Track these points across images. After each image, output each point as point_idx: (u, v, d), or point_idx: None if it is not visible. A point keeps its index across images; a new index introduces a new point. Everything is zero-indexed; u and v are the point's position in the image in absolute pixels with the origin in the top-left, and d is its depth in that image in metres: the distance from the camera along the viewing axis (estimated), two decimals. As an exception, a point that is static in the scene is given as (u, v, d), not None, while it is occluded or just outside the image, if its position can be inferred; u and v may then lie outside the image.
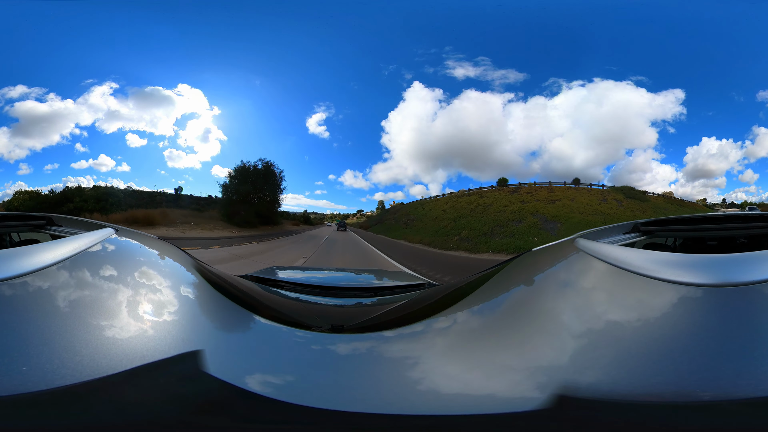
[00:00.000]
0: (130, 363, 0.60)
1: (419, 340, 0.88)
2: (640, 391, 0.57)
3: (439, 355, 0.80)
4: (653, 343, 0.64)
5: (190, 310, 0.87)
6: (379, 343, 0.90)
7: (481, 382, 0.68)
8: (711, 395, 0.53)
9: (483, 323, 0.92)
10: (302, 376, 0.70)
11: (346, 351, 0.85)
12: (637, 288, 0.81)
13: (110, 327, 0.69)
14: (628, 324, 0.72)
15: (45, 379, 0.54)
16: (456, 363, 0.75)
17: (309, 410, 0.59)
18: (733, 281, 0.71)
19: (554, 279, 1.07)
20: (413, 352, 0.82)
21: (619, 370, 0.61)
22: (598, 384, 0.60)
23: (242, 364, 0.69)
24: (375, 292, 1.80)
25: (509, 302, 1.00)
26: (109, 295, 0.79)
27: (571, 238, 1.24)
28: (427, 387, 0.68)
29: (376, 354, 0.84)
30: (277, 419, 0.59)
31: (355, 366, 0.78)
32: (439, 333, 0.90)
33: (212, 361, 0.65)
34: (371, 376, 0.72)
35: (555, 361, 0.67)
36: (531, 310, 0.89)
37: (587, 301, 0.86)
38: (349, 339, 0.94)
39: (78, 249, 0.91)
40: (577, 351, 0.69)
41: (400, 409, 0.61)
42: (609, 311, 0.79)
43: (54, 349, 0.59)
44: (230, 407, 0.58)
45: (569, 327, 0.76)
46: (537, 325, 0.81)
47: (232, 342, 0.76)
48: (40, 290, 0.73)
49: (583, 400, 0.57)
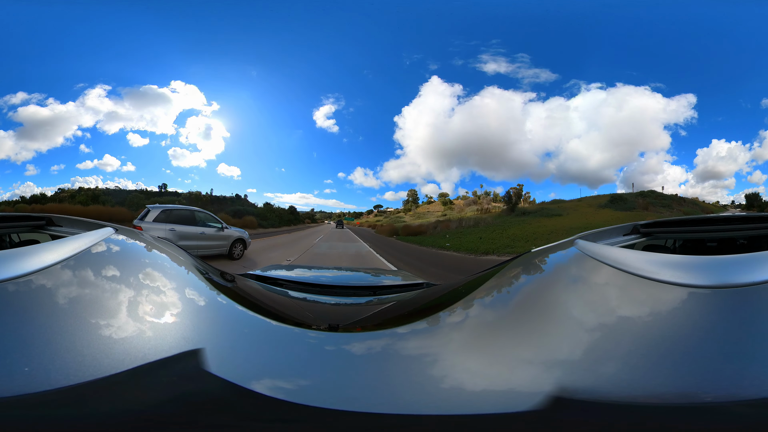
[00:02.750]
0: (131, 362, 0.60)
1: (418, 339, 0.88)
2: (640, 392, 0.57)
3: (438, 355, 0.80)
4: (653, 344, 0.64)
5: (191, 309, 0.88)
6: (379, 342, 0.90)
7: (480, 381, 0.68)
8: (711, 397, 0.53)
9: (482, 323, 0.92)
10: (301, 374, 0.70)
11: (345, 350, 0.85)
12: (636, 289, 0.81)
13: (111, 326, 0.69)
14: (627, 325, 0.72)
15: (47, 380, 0.54)
16: (455, 362, 0.75)
17: (309, 409, 0.59)
18: (733, 283, 0.72)
19: (553, 280, 1.07)
20: (413, 350, 0.82)
21: (618, 371, 0.61)
22: (598, 385, 0.60)
23: (243, 362, 0.69)
24: (374, 291, 1.81)
25: (508, 303, 1.00)
26: (110, 295, 0.80)
27: (571, 240, 1.24)
28: (426, 386, 0.68)
29: (375, 353, 0.84)
30: (277, 418, 0.59)
31: (354, 365, 0.78)
32: (437, 332, 0.90)
33: (213, 360, 0.65)
34: (369, 375, 0.72)
35: (554, 362, 0.67)
36: (530, 310, 0.89)
37: (586, 303, 0.86)
38: (349, 338, 0.95)
39: (78, 249, 0.91)
40: (576, 352, 0.69)
41: (399, 408, 0.61)
42: (608, 313, 0.79)
43: (56, 349, 0.60)
44: (232, 406, 0.58)
45: (568, 328, 0.77)
46: (536, 325, 0.81)
47: (232, 341, 0.77)
48: (40, 291, 0.73)
49: (581, 401, 0.57)
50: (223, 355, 0.69)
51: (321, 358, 0.80)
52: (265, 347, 0.81)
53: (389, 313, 1.35)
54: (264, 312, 1.05)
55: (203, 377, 0.61)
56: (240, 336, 0.80)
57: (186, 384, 0.60)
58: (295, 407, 0.59)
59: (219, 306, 0.96)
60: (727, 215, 1.46)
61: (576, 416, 0.56)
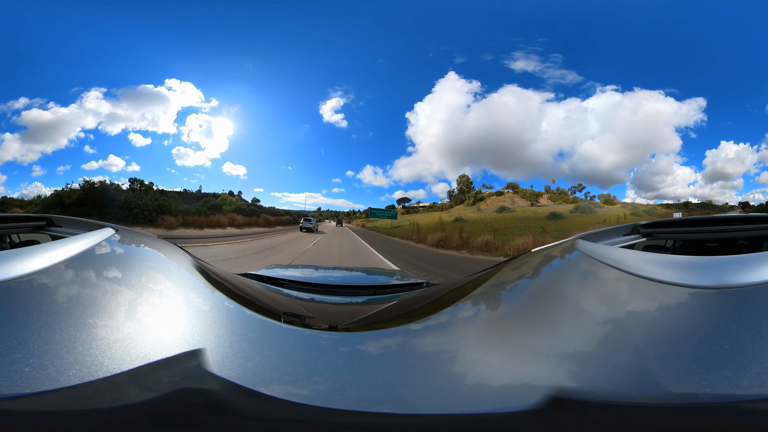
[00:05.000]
0: (132, 363, 0.61)
1: (417, 338, 0.88)
2: (639, 392, 0.57)
3: (438, 354, 0.80)
4: (652, 344, 0.64)
5: (192, 309, 0.88)
6: (379, 341, 0.90)
7: (479, 381, 0.68)
8: (710, 397, 0.53)
9: (481, 323, 0.92)
10: (302, 374, 0.70)
11: (345, 349, 0.85)
12: (636, 290, 0.81)
13: (112, 327, 0.69)
14: (627, 326, 0.72)
15: (48, 380, 0.54)
16: (455, 362, 0.76)
17: (310, 408, 0.59)
18: (733, 283, 0.72)
19: (553, 280, 1.07)
20: (413, 350, 0.82)
21: (618, 371, 0.61)
22: (597, 385, 0.60)
23: (244, 362, 0.69)
24: (374, 290, 1.81)
25: (508, 302, 1.01)
26: (111, 295, 0.80)
27: (571, 239, 1.25)
28: (426, 385, 0.68)
29: (375, 352, 0.84)
30: (279, 417, 0.59)
31: (355, 364, 0.79)
32: (436, 332, 0.91)
33: (214, 360, 0.65)
34: (370, 374, 0.72)
35: (553, 362, 0.67)
36: (529, 310, 0.89)
37: (586, 303, 0.86)
38: (349, 337, 0.95)
39: (78, 250, 0.91)
40: (576, 352, 0.69)
41: (400, 407, 0.61)
42: (608, 313, 0.80)
43: (56, 350, 0.60)
44: (233, 405, 0.58)
45: (568, 328, 0.77)
46: (535, 325, 0.81)
47: (234, 340, 0.77)
48: (41, 291, 0.73)
49: (580, 401, 0.57)
50: (224, 355, 0.69)
51: (321, 358, 0.80)
52: (266, 347, 0.81)
53: (389, 312, 1.36)
54: (265, 312, 1.05)
55: (204, 377, 0.62)
56: (241, 336, 0.80)
57: (187, 384, 0.60)
58: (296, 406, 0.59)
59: (220, 306, 0.96)
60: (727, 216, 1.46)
61: (575, 416, 0.56)
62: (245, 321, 0.93)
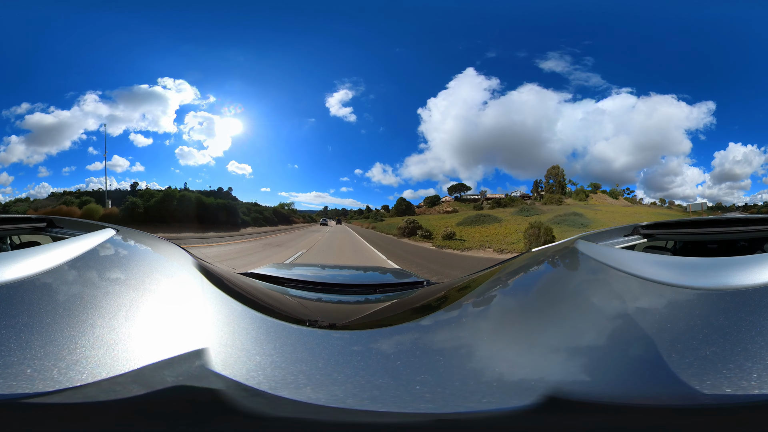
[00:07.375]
0: (136, 363, 0.61)
1: (417, 337, 0.89)
2: (638, 393, 0.57)
3: (438, 354, 0.80)
4: (652, 345, 0.65)
5: (194, 309, 0.88)
6: (380, 340, 0.90)
7: (478, 380, 0.68)
8: (710, 398, 0.54)
9: (481, 322, 0.92)
10: (304, 372, 0.71)
11: (346, 348, 0.85)
12: (636, 290, 0.81)
13: (114, 327, 0.69)
14: (626, 326, 0.73)
15: (50, 381, 0.55)
16: (454, 362, 0.76)
17: (311, 406, 0.59)
18: (733, 285, 0.72)
19: (552, 280, 1.07)
20: (413, 349, 0.83)
21: (617, 371, 0.62)
22: (595, 385, 0.60)
23: (247, 361, 0.69)
24: (375, 289, 1.81)
25: (507, 302, 1.01)
26: (113, 296, 0.80)
27: (571, 240, 1.25)
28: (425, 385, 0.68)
29: (376, 351, 0.85)
30: (282, 415, 0.60)
31: (355, 363, 0.79)
32: (436, 331, 0.91)
33: (218, 359, 0.66)
34: (370, 373, 0.73)
35: (551, 362, 0.68)
36: (529, 310, 0.90)
37: (586, 303, 0.87)
38: (349, 336, 0.95)
39: (79, 250, 0.91)
40: (575, 352, 0.69)
41: (400, 406, 0.62)
42: (607, 313, 0.80)
43: (58, 351, 0.60)
44: (237, 404, 0.58)
45: (567, 328, 0.77)
46: (534, 325, 0.81)
47: (236, 340, 0.77)
48: (42, 292, 0.73)
49: (578, 402, 0.57)
50: (228, 355, 0.69)
51: (323, 356, 0.80)
52: (268, 346, 0.81)
53: (390, 311, 1.36)
54: (266, 310, 1.05)
55: (208, 376, 0.62)
56: (243, 335, 0.80)
57: (191, 383, 0.60)
58: (298, 405, 0.60)
59: (221, 305, 0.96)
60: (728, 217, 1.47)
61: (574, 416, 0.57)
62: (248, 320, 0.94)
